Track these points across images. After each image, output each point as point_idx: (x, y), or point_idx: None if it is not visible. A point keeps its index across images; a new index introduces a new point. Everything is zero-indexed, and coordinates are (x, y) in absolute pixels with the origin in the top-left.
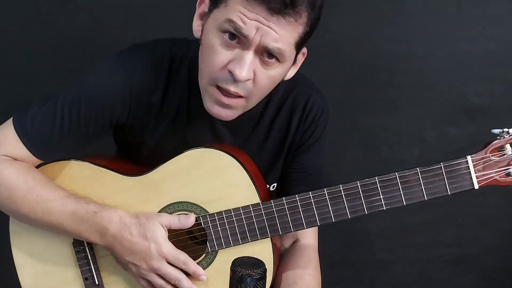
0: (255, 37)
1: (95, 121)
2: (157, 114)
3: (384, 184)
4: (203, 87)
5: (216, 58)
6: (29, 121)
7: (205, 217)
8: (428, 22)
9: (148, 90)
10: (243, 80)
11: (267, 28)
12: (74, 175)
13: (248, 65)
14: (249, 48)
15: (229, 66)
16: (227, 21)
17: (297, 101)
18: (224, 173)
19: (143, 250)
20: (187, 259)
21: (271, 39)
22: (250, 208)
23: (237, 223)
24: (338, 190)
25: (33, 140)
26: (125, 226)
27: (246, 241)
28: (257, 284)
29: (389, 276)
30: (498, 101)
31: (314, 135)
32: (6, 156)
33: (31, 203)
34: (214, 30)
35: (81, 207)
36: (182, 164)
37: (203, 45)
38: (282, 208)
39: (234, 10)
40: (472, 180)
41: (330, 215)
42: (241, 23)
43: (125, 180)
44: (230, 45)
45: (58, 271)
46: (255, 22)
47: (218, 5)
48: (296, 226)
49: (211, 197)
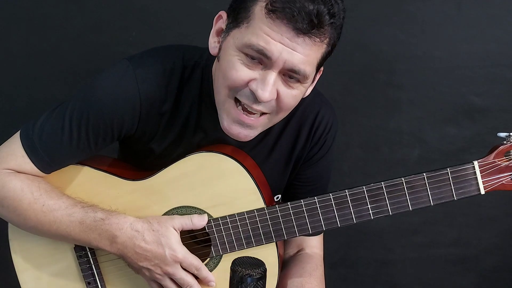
0: (279, 59)
1: (104, 133)
2: (167, 123)
3: (390, 189)
4: (220, 103)
5: (236, 74)
6: (37, 136)
7: (209, 222)
8: (428, 22)
9: (159, 100)
10: (266, 101)
11: (291, 51)
12: (76, 180)
13: (271, 86)
14: (272, 69)
15: (251, 86)
16: (250, 44)
17: (306, 113)
18: (228, 177)
19: (157, 256)
20: (200, 265)
21: (296, 61)
22: (255, 212)
23: (242, 228)
24: (344, 195)
25: (40, 156)
26: (137, 232)
27: (251, 246)
28: (257, 284)
29: (389, 276)
30: (498, 101)
31: (322, 149)
32: (10, 170)
33: (38, 213)
34: (234, 49)
35: (88, 216)
36: (186, 168)
37: (222, 62)
38: (287, 213)
39: (257, 31)
40: (479, 185)
41: (335, 220)
42: (265, 46)
43: (128, 184)
44: (252, 64)
45: (60, 276)
46: (279, 44)
47: (240, 24)
48: (302, 231)
49: (215, 201)
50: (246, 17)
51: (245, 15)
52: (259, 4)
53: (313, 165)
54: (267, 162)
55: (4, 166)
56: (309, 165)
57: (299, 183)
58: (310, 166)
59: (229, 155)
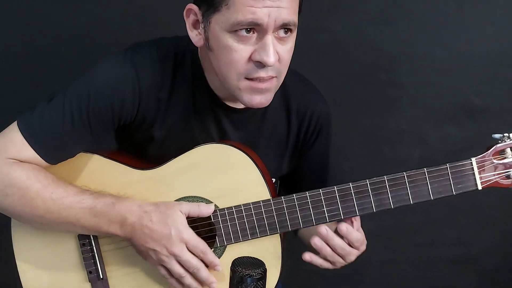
0: (270, 21)
1: (105, 117)
2: (166, 108)
3: (392, 182)
4: (233, 87)
5: (238, 55)
6: (37, 122)
7: (215, 212)
8: (428, 22)
9: (156, 86)
10: (273, 64)
11: (277, 8)
12: (84, 168)
13: (272, 49)
14: (267, 33)
15: (255, 57)
16: (239, 21)
17: (296, 104)
18: (235, 169)
19: (164, 236)
20: (206, 248)
21: (284, 15)
22: (261, 203)
23: (247, 218)
24: (348, 188)
25: (42, 142)
26: (145, 213)
27: (255, 237)
28: (257, 284)
29: (389, 276)
30: (499, 102)
31: (320, 135)
32: (12, 159)
33: (46, 201)
34: (224, 32)
35: (98, 201)
36: (194, 159)
37: (217, 50)
38: (292, 204)
39: (239, 6)
40: (476, 181)
41: (339, 212)
42: (253, 16)
43: (136, 173)
44: (246, 38)
45: (60, 265)
46: (265, 8)
47: (218, 8)
48: (306, 223)
49: (222, 192)
50: (221, 0)
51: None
52: None
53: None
54: (265, 146)
55: (4, 155)
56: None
57: (304, 172)
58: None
59: (237, 146)
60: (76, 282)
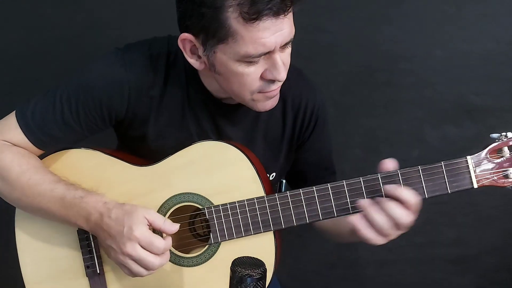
0: (277, 45)
1: (94, 113)
2: (158, 106)
3: (386, 180)
4: (247, 101)
5: (250, 79)
6: (30, 111)
7: (209, 208)
8: (428, 22)
9: (148, 84)
10: (285, 77)
11: (281, 32)
12: (83, 163)
13: (282, 66)
14: (275, 52)
15: (266, 76)
16: (249, 54)
17: (290, 96)
18: (231, 166)
19: (117, 233)
20: (162, 244)
21: (287, 35)
22: (255, 200)
23: (241, 215)
24: (341, 185)
25: (33, 129)
26: (107, 210)
27: (249, 234)
28: (257, 284)
29: (389, 276)
30: (498, 101)
31: (316, 127)
32: (6, 141)
33: (23, 185)
34: (233, 61)
35: (69, 193)
36: (191, 156)
37: (224, 74)
38: (285, 201)
39: (249, 40)
40: (472, 179)
41: (332, 210)
42: (263, 47)
43: (133, 169)
44: (256, 61)
45: (60, 258)
46: (273, 36)
47: (224, 41)
48: (299, 220)
49: (218, 189)
50: (227, 33)
51: (225, 31)
52: (231, 17)
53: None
54: (261, 142)
55: (1, 137)
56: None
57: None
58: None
59: (234, 144)
60: (74, 276)
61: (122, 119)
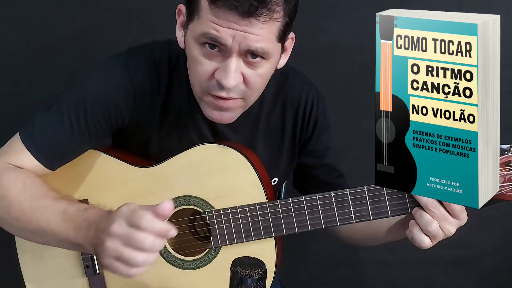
0: (234, 44)
1: (103, 122)
2: (162, 111)
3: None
4: (198, 97)
5: (202, 69)
6: (37, 132)
7: (210, 213)
8: None
9: (151, 89)
10: (231, 87)
11: (242, 33)
12: (84, 163)
13: (233, 73)
14: (231, 55)
15: (216, 76)
16: (203, 34)
17: (289, 98)
18: (233, 170)
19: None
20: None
21: (250, 41)
22: (256, 206)
23: (242, 221)
24: (345, 194)
25: (42, 148)
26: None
27: (250, 240)
28: (257, 284)
29: (389, 276)
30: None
31: (317, 126)
32: (12, 165)
33: (23, 202)
34: (193, 42)
35: (72, 206)
36: (193, 158)
37: (188, 56)
38: (288, 208)
39: (206, 21)
40: None
41: (335, 219)
42: (216, 33)
43: (135, 170)
44: (212, 54)
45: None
46: (229, 30)
47: (193, 17)
48: (301, 228)
49: (219, 193)
50: (196, 10)
51: (195, 8)
52: None
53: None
54: (262, 146)
55: (5, 160)
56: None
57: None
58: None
59: (234, 147)
60: (73, 276)
61: (125, 126)
